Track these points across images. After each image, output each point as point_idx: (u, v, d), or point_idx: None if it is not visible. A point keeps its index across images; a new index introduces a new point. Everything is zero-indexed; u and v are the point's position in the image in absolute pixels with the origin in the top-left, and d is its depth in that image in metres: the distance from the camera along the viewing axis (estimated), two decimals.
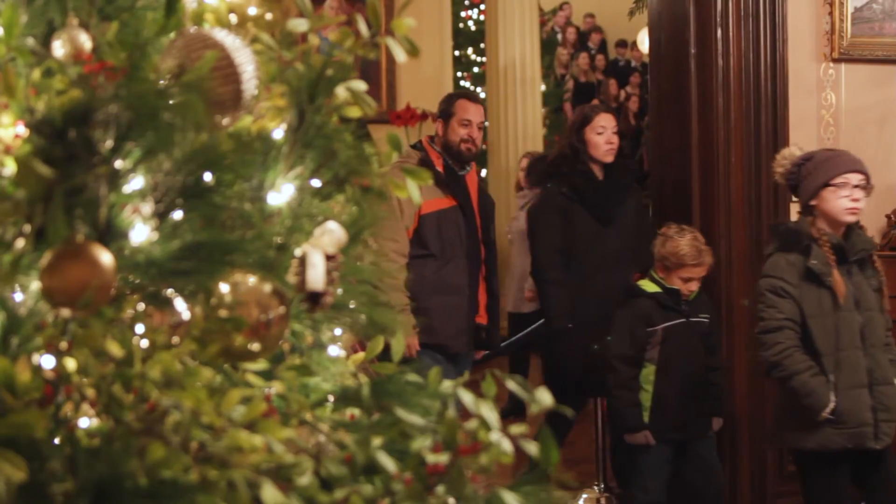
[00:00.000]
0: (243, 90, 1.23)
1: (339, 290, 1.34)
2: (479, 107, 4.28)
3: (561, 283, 4.25)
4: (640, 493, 3.86)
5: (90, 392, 1.04)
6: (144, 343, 1.10)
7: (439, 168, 4.13)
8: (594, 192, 4.30)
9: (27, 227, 1.03)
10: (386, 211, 3.74)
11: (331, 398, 1.32)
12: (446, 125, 4.20)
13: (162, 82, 1.12)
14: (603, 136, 4.30)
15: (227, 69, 1.21)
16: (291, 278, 1.26)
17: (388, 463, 1.10)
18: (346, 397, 1.30)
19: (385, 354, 1.39)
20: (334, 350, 1.40)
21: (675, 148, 4.41)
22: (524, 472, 1.14)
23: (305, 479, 1.06)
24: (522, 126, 9.05)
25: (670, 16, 4.43)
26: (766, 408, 4.12)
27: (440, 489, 1.07)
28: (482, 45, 10.25)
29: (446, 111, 4.23)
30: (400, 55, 1.26)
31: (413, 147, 4.25)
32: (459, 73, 10.81)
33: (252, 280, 1.15)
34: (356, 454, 1.12)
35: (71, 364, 1.04)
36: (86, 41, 1.17)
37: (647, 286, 3.90)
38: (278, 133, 1.30)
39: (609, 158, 4.31)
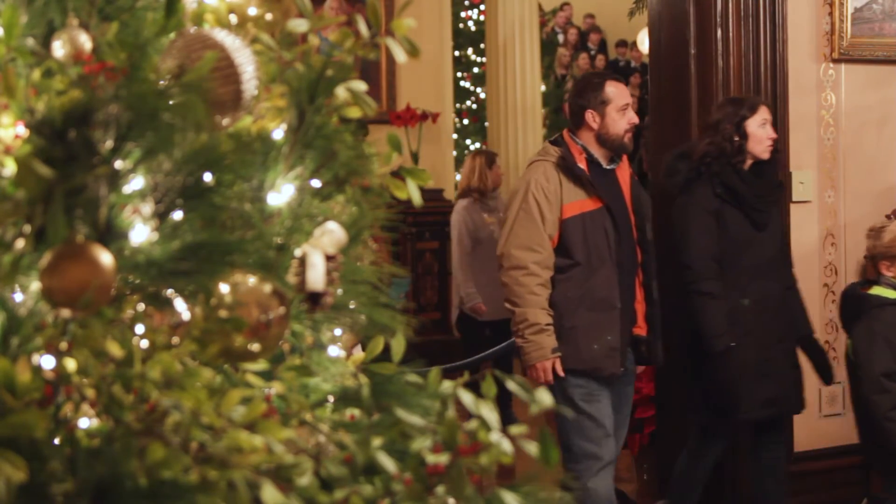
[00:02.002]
0: (243, 90, 1.23)
1: (339, 291, 1.34)
2: (625, 86, 3.76)
3: (718, 295, 3.76)
4: None
5: (90, 392, 1.04)
6: (144, 343, 1.10)
7: (582, 165, 3.64)
8: (752, 192, 3.85)
9: (27, 228, 1.03)
10: (525, 217, 3.54)
11: (331, 398, 1.32)
12: (602, 116, 3.64)
13: (162, 83, 1.12)
14: (765, 130, 3.86)
15: (227, 69, 1.21)
16: (291, 279, 1.26)
17: (388, 463, 1.10)
18: (346, 398, 1.30)
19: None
20: (334, 350, 1.40)
21: (674, 148, 4.40)
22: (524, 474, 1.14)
23: (305, 480, 1.06)
24: (522, 126, 9.05)
25: (670, 16, 4.43)
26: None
27: (440, 489, 1.07)
28: (482, 45, 10.25)
29: (597, 99, 3.66)
30: (400, 55, 1.26)
31: (553, 143, 3.74)
32: (459, 73, 10.80)
33: (252, 280, 1.15)
34: (356, 454, 1.12)
35: (71, 364, 1.04)
36: (86, 41, 1.17)
37: (885, 292, 3.67)
38: (278, 133, 1.30)
39: (766, 155, 3.87)
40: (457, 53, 10.52)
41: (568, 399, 3.56)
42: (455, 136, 9.85)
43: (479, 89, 10.87)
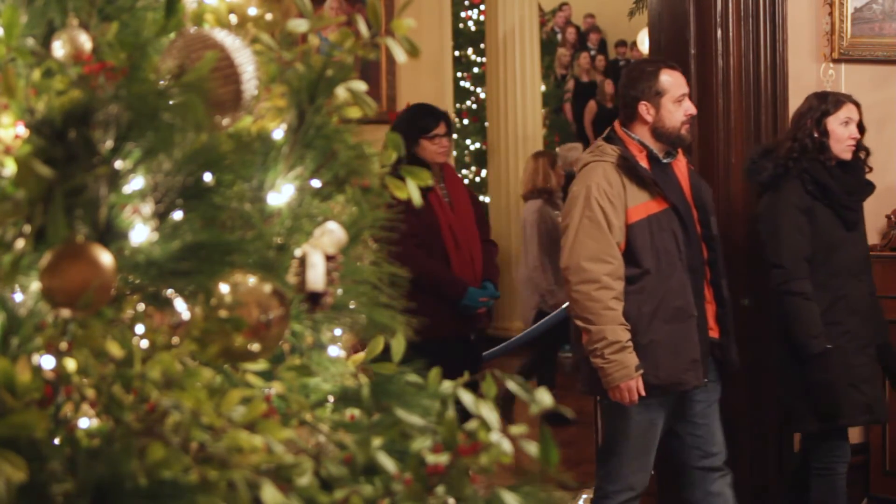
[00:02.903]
0: (243, 90, 1.23)
1: (339, 291, 1.34)
2: (682, 73, 3.49)
3: (811, 297, 3.56)
4: None
5: (90, 392, 1.04)
6: (144, 343, 1.10)
7: (643, 163, 3.35)
8: (843, 189, 3.66)
9: (27, 228, 1.03)
10: (590, 225, 3.23)
11: (331, 398, 1.32)
12: (656, 107, 3.35)
13: (162, 83, 1.12)
14: (848, 129, 3.67)
15: (227, 69, 1.21)
16: (291, 279, 1.26)
17: (388, 463, 1.10)
18: (346, 398, 1.30)
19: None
20: (334, 350, 1.40)
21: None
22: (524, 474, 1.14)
23: (305, 480, 1.06)
24: (522, 126, 9.05)
25: (670, 16, 4.43)
26: (766, 405, 4.12)
27: (440, 489, 1.07)
28: (482, 45, 10.25)
29: (651, 89, 3.37)
30: (400, 55, 1.26)
31: (606, 139, 3.46)
32: (459, 73, 10.80)
33: (252, 280, 1.15)
34: (356, 455, 1.12)
35: (71, 364, 1.04)
36: (86, 41, 1.17)
37: None
38: (278, 133, 1.30)
39: (847, 155, 3.68)
40: (457, 53, 10.51)
41: (644, 407, 3.34)
42: (455, 136, 9.85)
43: (479, 89, 10.86)
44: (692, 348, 3.31)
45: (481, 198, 8.50)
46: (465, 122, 10.70)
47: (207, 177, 1.13)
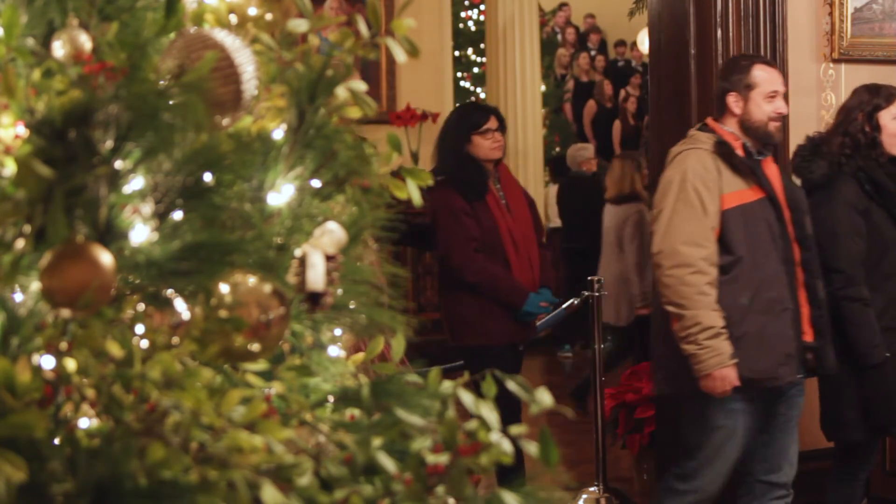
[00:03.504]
0: (243, 90, 1.23)
1: (339, 291, 1.34)
2: (780, 73, 3.43)
3: (870, 303, 3.44)
4: None
5: (90, 392, 1.04)
6: (144, 343, 1.10)
7: (739, 152, 3.30)
8: None
9: (27, 228, 1.03)
10: (686, 209, 3.13)
11: (331, 399, 1.32)
12: (745, 100, 3.30)
13: (162, 83, 1.12)
14: None
15: (227, 69, 1.21)
16: (291, 279, 1.26)
17: (388, 463, 1.10)
18: (346, 398, 1.30)
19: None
20: (334, 350, 1.40)
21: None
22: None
23: (305, 480, 1.06)
24: (522, 126, 9.05)
25: (670, 16, 4.43)
26: None
27: (440, 489, 1.07)
28: (482, 45, 10.25)
29: (742, 82, 3.33)
30: (400, 55, 1.26)
31: (700, 129, 3.41)
32: (459, 73, 10.80)
33: (252, 280, 1.15)
34: (356, 455, 1.12)
35: (71, 364, 1.04)
36: (86, 41, 1.17)
37: None
38: (278, 133, 1.30)
39: None
40: (457, 53, 10.52)
41: (728, 413, 3.25)
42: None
43: (479, 89, 10.86)
44: (787, 342, 3.22)
45: None
46: None
47: (207, 177, 1.13)
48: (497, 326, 3.99)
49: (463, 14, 11.12)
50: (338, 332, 1.40)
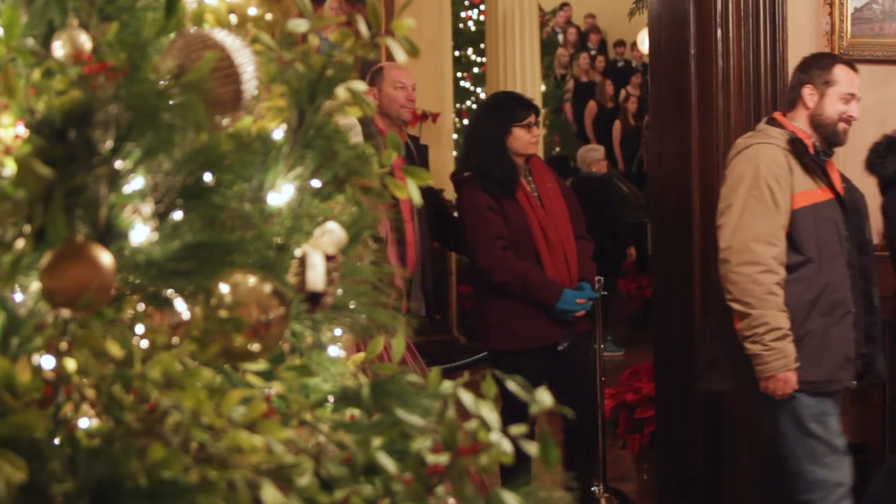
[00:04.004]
0: (243, 90, 1.23)
1: (339, 291, 1.34)
2: (857, 75, 3.35)
3: None
4: None
5: (90, 392, 1.04)
6: (144, 343, 1.10)
7: (811, 150, 3.24)
8: None
9: (27, 228, 1.03)
10: (758, 206, 3.05)
11: (331, 399, 1.32)
12: (821, 95, 3.26)
13: (162, 83, 1.12)
14: None
15: (227, 70, 1.21)
16: (291, 279, 1.26)
17: (388, 463, 1.10)
18: (346, 398, 1.30)
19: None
20: (334, 350, 1.40)
21: (674, 148, 4.41)
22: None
23: (305, 480, 1.06)
24: None
25: (670, 16, 4.43)
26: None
27: (440, 489, 1.07)
28: (482, 45, 10.25)
29: (821, 77, 3.27)
30: (400, 55, 1.26)
31: (768, 123, 3.33)
32: (459, 73, 10.80)
33: (252, 280, 1.15)
34: (356, 455, 1.12)
35: (71, 364, 1.04)
36: (86, 41, 1.17)
37: None
38: (278, 133, 1.31)
39: None
40: (457, 53, 10.52)
41: (797, 419, 3.16)
42: (455, 136, 9.86)
43: (479, 89, 10.87)
44: (847, 346, 3.17)
45: None
46: (465, 122, 10.70)
47: (207, 177, 1.12)
48: (525, 328, 3.86)
49: (463, 14, 11.13)
50: (338, 332, 1.40)
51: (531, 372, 3.61)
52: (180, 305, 1.13)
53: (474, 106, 10.88)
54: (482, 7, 10.51)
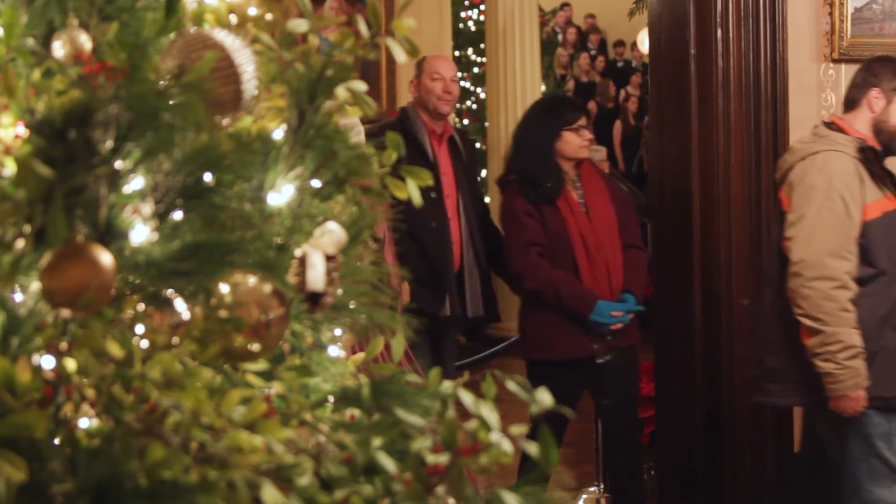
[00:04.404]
0: (243, 91, 1.23)
1: (339, 291, 1.34)
2: None
3: None
4: None
5: (90, 392, 1.04)
6: (144, 343, 1.10)
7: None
8: None
9: (27, 228, 1.03)
10: (833, 218, 2.95)
11: (331, 399, 1.32)
12: (888, 100, 3.15)
13: (162, 83, 1.12)
14: None
15: (227, 70, 1.22)
16: (291, 279, 1.26)
17: (388, 463, 1.10)
18: (346, 398, 1.30)
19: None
20: (334, 350, 1.40)
21: (674, 148, 4.41)
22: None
23: (305, 480, 1.06)
24: None
25: (670, 16, 4.43)
26: (762, 409, 4.12)
27: (440, 489, 1.07)
28: (482, 45, 10.25)
29: (890, 81, 3.15)
30: (400, 55, 1.26)
31: (828, 128, 3.22)
32: (459, 73, 10.80)
33: (252, 280, 1.15)
34: (356, 455, 1.12)
35: (71, 364, 1.04)
36: (86, 41, 1.17)
37: None
38: (278, 133, 1.31)
39: None
40: (457, 53, 10.51)
41: (864, 437, 3.08)
42: None
43: (479, 89, 10.86)
44: None
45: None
46: (465, 122, 10.71)
47: (207, 177, 1.13)
48: (560, 339, 3.75)
49: (463, 14, 11.12)
50: (338, 332, 1.40)
51: (565, 383, 3.57)
52: (180, 305, 1.13)
53: (474, 106, 10.88)
54: (482, 7, 10.51)
